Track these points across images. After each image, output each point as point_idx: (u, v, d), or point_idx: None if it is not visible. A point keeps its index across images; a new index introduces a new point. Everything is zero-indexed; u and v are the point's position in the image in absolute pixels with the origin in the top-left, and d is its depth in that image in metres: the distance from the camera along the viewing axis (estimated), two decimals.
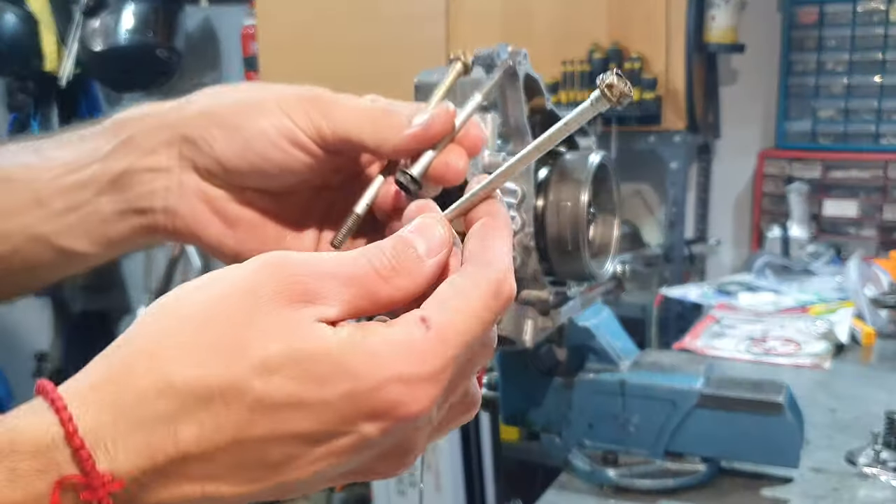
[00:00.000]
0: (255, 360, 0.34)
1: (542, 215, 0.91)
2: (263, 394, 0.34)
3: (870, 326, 1.71)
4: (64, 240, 0.52)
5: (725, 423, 1.04)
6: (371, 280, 0.37)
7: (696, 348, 1.65)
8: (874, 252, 2.61)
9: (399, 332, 0.36)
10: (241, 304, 0.35)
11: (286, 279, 0.35)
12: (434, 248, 0.39)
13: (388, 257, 0.38)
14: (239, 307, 0.35)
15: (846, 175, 2.72)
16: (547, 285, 0.93)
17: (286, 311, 0.35)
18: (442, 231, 0.40)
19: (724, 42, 2.66)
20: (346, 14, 3.06)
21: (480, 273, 0.38)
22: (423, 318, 0.36)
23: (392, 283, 0.37)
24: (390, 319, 0.37)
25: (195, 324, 0.35)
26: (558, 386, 1.13)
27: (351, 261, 0.37)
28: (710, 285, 2.19)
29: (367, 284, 0.37)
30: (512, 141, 0.90)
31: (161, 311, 0.36)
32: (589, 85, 2.62)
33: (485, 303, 0.37)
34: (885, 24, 2.64)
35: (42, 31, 3.66)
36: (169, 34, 3.56)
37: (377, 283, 0.37)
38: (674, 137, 2.66)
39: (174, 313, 0.36)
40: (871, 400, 1.37)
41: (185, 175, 0.51)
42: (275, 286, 0.35)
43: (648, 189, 3.16)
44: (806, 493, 1.05)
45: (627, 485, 1.08)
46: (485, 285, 0.38)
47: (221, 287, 0.36)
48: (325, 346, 0.34)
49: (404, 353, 0.35)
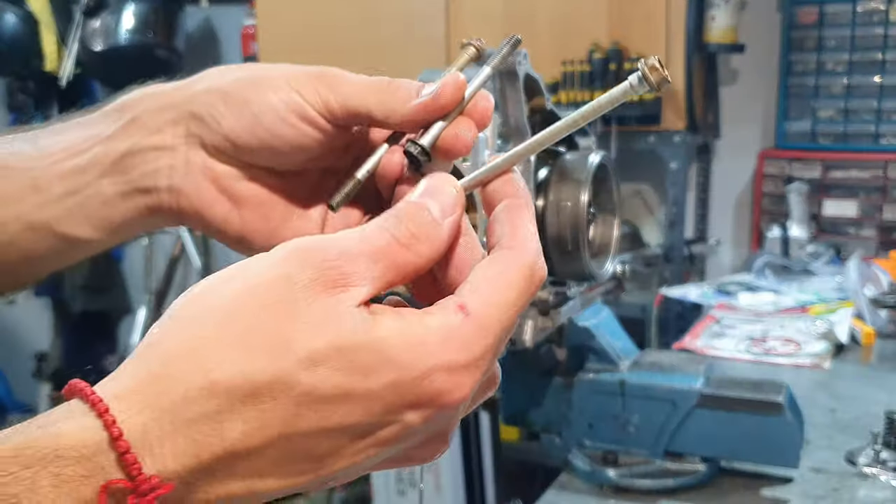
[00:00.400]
0: (300, 353, 0.34)
1: (542, 215, 0.91)
2: (310, 387, 0.34)
3: (869, 326, 1.71)
4: (64, 226, 0.51)
5: (725, 423, 1.04)
6: (394, 251, 0.37)
7: (696, 348, 1.65)
8: (874, 252, 2.62)
9: (439, 320, 0.36)
10: (278, 294, 0.34)
11: (320, 265, 0.35)
12: (447, 208, 0.39)
13: (406, 225, 0.38)
14: (277, 298, 0.34)
15: (846, 175, 2.72)
16: (547, 285, 0.94)
17: (325, 299, 0.35)
18: (452, 190, 0.40)
19: (724, 42, 2.66)
20: (347, 14, 3.06)
21: (513, 258, 0.38)
22: (461, 306, 0.36)
23: (413, 250, 0.38)
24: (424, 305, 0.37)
25: (233, 318, 0.34)
26: (558, 386, 1.13)
27: (374, 235, 0.37)
28: (709, 285, 2.19)
29: (392, 255, 0.37)
30: (512, 140, 0.90)
31: (194, 304, 0.36)
32: (589, 85, 2.62)
33: (519, 288, 0.38)
34: (884, 24, 2.64)
35: (42, 32, 3.66)
36: (169, 34, 3.57)
37: (400, 252, 0.37)
38: (674, 137, 2.66)
39: (208, 307, 0.35)
40: (871, 400, 1.37)
41: (192, 153, 0.50)
42: (311, 273, 0.35)
43: (648, 189, 3.16)
44: (806, 492, 1.05)
45: (627, 485, 1.08)
46: (518, 271, 0.38)
47: (255, 277, 0.35)
48: (369, 337, 0.34)
49: (446, 342, 0.35)
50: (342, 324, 0.34)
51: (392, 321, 0.35)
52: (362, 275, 0.36)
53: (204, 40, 3.92)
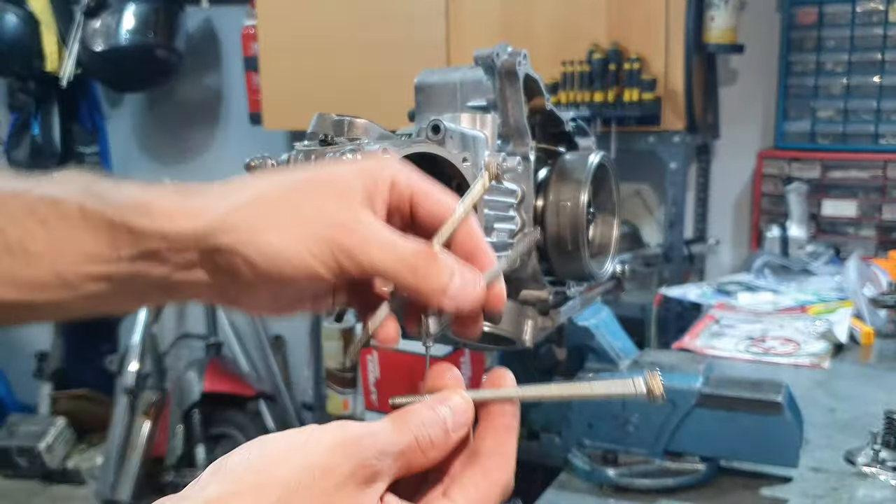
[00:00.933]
0: None
1: (542, 215, 0.92)
2: None
3: (869, 326, 1.71)
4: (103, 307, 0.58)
5: (725, 423, 1.05)
6: (413, 452, 0.47)
7: (696, 348, 1.65)
8: (873, 252, 2.62)
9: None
10: (320, 482, 0.43)
11: (359, 462, 0.44)
12: (458, 424, 0.49)
13: (427, 432, 0.47)
14: (318, 486, 0.43)
15: (845, 175, 2.72)
16: (547, 285, 0.94)
17: (356, 493, 0.44)
18: (469, 413, 0.50)
19: (724, 42, 2.66)
20: (347, 14, 3.06)
21: (499, 479, 0.49)
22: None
23: (427, 455, 0.47)
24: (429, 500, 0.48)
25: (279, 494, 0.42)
26: None
27: (402, 435, 0.47)
28: (709, 285, 2.19)
29: (409, 456, 0.47)
30: (512, 141, 0.90)
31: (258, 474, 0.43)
32: (588, 86, 2.63)
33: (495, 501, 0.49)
34: (884, 24, 2.64)
35: (43, 32, 3.66)
36: (169, 35, 3.57)
37: (417, 455, 0.47)
38: (673, 138, 2.66)
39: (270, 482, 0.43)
40: (870, 399, 1.37)
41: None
42: (349, 468, 0.44)
43: (648, 189, 3.16)
44: (805, 492, 1.05)
45: (627, 484, 1.08)
46: (499, 488, 0.49)
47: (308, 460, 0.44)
48: None
49: None
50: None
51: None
52: (386, 472, 0.45)
53: (204, 41, 3.92)
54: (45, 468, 3.94)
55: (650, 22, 2.58)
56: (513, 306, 0.93)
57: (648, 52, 2.59)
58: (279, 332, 4.13)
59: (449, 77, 0.91)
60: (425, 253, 0.51)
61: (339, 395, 3.50)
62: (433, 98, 0.91)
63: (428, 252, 0.51)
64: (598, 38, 2.64)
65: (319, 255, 0.50)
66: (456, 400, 0.50)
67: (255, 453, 0.44)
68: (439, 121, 0.64)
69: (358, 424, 0.46)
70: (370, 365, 3.11)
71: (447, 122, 0.65)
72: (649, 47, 2.59)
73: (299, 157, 0.65)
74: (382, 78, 2.90)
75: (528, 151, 0.90)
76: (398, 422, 0.47)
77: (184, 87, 4.00)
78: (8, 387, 4.37)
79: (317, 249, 0.50)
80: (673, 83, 2.59)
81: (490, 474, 0.49)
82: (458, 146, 0.67)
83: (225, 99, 3.99)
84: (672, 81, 2.59)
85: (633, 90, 2.56)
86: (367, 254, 0.50)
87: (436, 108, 0.90)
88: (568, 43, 2.67)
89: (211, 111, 4.01)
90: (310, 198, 0.51)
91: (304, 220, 0.51)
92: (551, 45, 2.69)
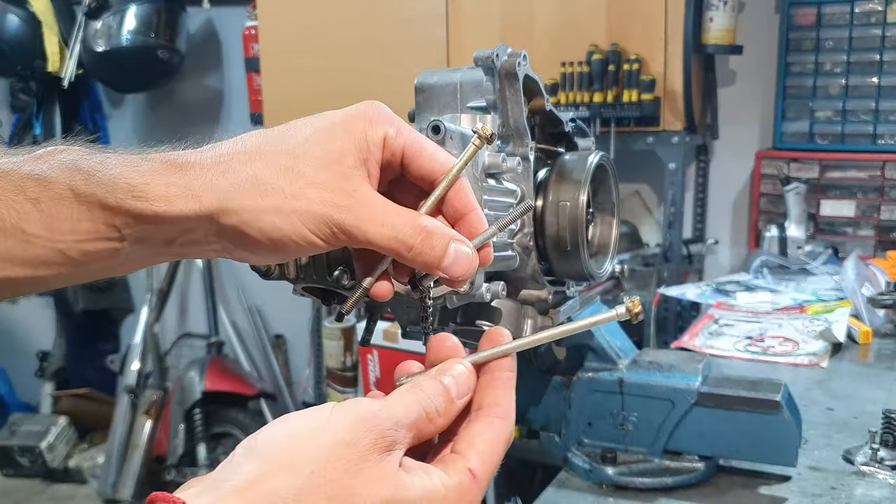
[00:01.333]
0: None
1: (542, 215, 0.92)
2: None
3: (867, 326, 1.72)
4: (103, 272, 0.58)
5: (723, 422, 1.05)
6: (423, 423, 0.51)
7: (695, 347, 1.66)
8: (871, 252, 2.63)
9: (455, 481, 0.50)
10: (345, 455, 0.46)
11: (379, 434, 0.48)
12: (462, 392, 0.53)
13: (435, 403, 0.51)
14: (344, 458, 0.46)
15: (843, 175, 2.73)
16: (546, 285, 0.94)
17: (379, 461, 0.47)
18: (471, 379, 0.54)
19: (723, 43, 2.67)
20: (347, 15, 3.07)
21: (505, 428, 0.53)
22: (472, 472, 0.51)
23: (434, 423, 0.52)
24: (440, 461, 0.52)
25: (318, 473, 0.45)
26: (557, 385, 1.14)
27: (413, 408, 0.50)
28: (708, 285, 2.20)
29: (420, 426, 0.51)
30: (512, 141, 0.91)
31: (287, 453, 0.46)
32: (588, 86, 2.63)
33: (503, 452, 0.53)
34: (882, 24, 2.65)
35: (45, 33, 3.67)
36: (171, 35, 3.57)
37: (426, 424, 0.51)
38: (672, 138, 2.67)
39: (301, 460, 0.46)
40: (869, 399, 1.38)
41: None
42: (370, 440, 0.47)
43: (647, 189, 3.17)
44: (804, 491, 1.06)
45: (626, 483, 1.08)
46: (507, 439, 0.53)
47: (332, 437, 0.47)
48: (408, 493, 0.48)
49: (459, 498, 0.50)
50: (390, 482, 0.47)
51: (421, 481, 0.49)
52: (401, 441, 0.49)
53: (205, 41, 3.92)
54: (47, 467, 3.94)
55: (649, 23, 2.59)
56: (512, 306, 0.93)
57: (648, 53, 2.60)
58: (280, 332, 4.14)
59: (449, 78, 0.91)
60: (421, 229, 0.54)
61: (340, 394, 3.51)
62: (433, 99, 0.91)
63: (423, 229, 0.54)
64: (598, 38, 2.64)
65: (318, 231, 0.54)
66: (458, 369, 0.54)
67: (282, 432, 0.47)
68: (439, 121, 0.65)
69: (371, 400, 0.50)
70: (370, 364, 3.11)
71: (447, 123, 0.66)
72: (648, 48, 2.59)
73: None
74: (382, 78, 2.91)
75: (527, 152, 0.90)
76: (407, 395, 0.51)
77: (185, 87, 4.00)
78: (10, 386, 4.38)
79: (316, 227, 0.53)
80: (672, 84, 2.60)
81: (493, 425, 0.53)
82: (458, 146, 0.68)
83: (226, 99, 3.99)
84: (671, 82, 2.59)
85: (633, 91, 2.57)
86: (365, 233, 0.54)
87: (436, 108, 0.91)
88: (567, 44, 2.67)
89: (212, 111, 4.02)
90: (306, 176, 0.53)
91: (303, 200, 0.53)
92: (551, 45, 2.69)
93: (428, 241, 0.54)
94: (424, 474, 0.49)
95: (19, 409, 4.28)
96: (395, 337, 2.88)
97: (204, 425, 3.61)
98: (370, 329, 0.78)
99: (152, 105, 4.16)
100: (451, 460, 0.51)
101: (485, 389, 0.54)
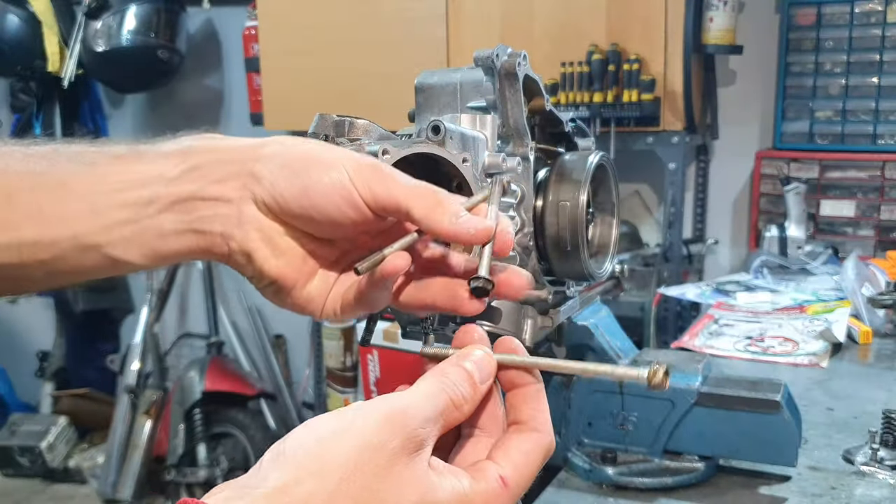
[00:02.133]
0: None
1: (542, 215, 0.92)
2: None
3: (867, 326, 1.71)
4: (116, 250, 0.57)
5: (723, 422, 1.05)
6: (450, 412, 0.50)
7: (695, 347, 1.66)
8: (871, 252, 2.63)
9: (485, 487, 0.49)
10: (374, 459, 0.46)
11: (408, 435, 0.47)
12: (484, 377, 0.53)
13: (461, 391, 0.51)
14: (374, 462, 0.46)
15: (843, 175, 2.73)
16: (546, 285, 0.94)
17: (408, 463, 0.47)
18: (492, 363, 0.54)
19: (723, 43, 2.67)
20: (347, 15, 3.07)
21: (541, 441, 0.53)
22: (504, 480, 0.50)
23: (461, 410, 0.51)
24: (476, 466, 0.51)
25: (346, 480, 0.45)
26: (557, 384, 1.14)
27: (438, 398, 0.50)
28: (708, 285, 2.20)
29: (447, 416, 0.50)
30: (512, 141, 0.91)
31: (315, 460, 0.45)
32: (588, 87, 2.63)
33: (539, 464, 0.53)
34: (882, 24, 2.65)
35: (45, 33, 3.67)
36: (171, 35, 3.57)
37: (453, 413, 0.51)
38: (672, 138, 2.67)
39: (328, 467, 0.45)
40: (869, 399, 1.38)
41: (245, 205, 0.56)
42: (400, 442, 0.47)
43: (647, 189, 3.17)
44: (804, 491, 1.06)
45: (626, 483, 1.08)
46: (543, 453, 0.53)
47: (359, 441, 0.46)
48: (439, 496, 0.47)
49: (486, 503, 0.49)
50: (419, 485, 0.47)
51: (451, 484, 0.48)
52: (431, 437, 0.49)
53: (205, 42, 3.92)
54: (47, 467, 3.94)
55: (649, 23, 2.59)
56: (512, 306, 0.93)
57: (647, 53, 2.60)
58: (280, 332, 4.14)
59: (449, 78, 0.91)
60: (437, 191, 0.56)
61: (340, 394, 3.51)
62: (433, 99, 0.91)
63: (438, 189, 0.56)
64: (598, 38, 2.64)
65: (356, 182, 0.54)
66: (478, 353, 0.53)
67: (310, 437, 0.47)
68: (439, 121, 0.65)
69: (397, 396, 0.49)
70: (370, 364, 3.11)
71: (447, 123, 0.66)
72: (648, 48, 2.60)
73: None
74: (382, 78, 2.91)
75: (527, 152, 0.90)
76: (432, 386, 0.51)
77: (185, 87, 4.00)
78: (10, 386, 4.38)
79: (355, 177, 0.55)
80: (672, 84, 2.60)
81: (530, 438, 0.53)
82: (458, 146, 0.68)
83: (226, 99, 4.00)
84: (671, 82, 2.60)
85: (633, 91, 2.57)
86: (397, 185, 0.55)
87: (436, 108, 0.91)
88: (567, 44, 2.67)
89: (212, 112, 4.02)
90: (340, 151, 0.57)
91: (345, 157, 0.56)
92: (551, 45, 2.69)
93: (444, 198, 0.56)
94: (454, 477, 0.49)
95: (19, 409, 4.28)
96: (395, 337, 2.88)
97: (204, 425, 3.61)
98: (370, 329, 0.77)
99: (152, 105, 4.16)
100: (484, 466, 0.51)
101: (519, 406, 0.54)
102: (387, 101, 1.96)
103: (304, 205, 0.55)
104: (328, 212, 0.55)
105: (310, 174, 0.55)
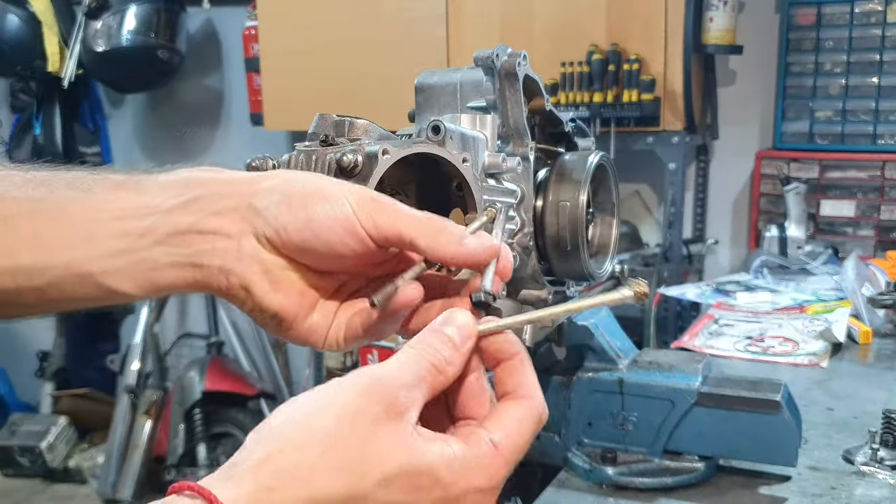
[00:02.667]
0: (377, 474, 0.46)
1: (542, 215, 0.92)
2: (383, 500, 0.46)
3: (867, 326, 1.71)
4: (110, 280, 0.56)
5: (723, 422, 1.05)
6: (433, 376, 0.50)
7: (695, 347, 1.66)
8: (871, 252, 2.63)
9: (475, 451, 0.49)
10: (356, 427, 0.46)
11: (388, 398, 0.47)
12: (465, 338, 0.52)
13: (443, 354, 0.51)
14: (356, 430, 0.46)
15: (843, 175, 2.73)
16: (546, 285, 0.94)
17: (392, 427, 0.47)
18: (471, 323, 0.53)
19: (723, 43, 2.67)
20: (347, 15, 3.07)
21: (532, 407, 0.53)
22: (495, 444, 0.49)
23: (445, 374, 0.51)
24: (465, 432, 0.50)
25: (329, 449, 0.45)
26: (557, 384, 1.14)
27: (420, 365, 0.50)
28: (708, 285, 2.20)
29: (431, 381, 0.50)
30: (512, 141, 0.91)
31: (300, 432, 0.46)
32: (588, 86, 2.63)
33: (532, 431, 0.52)
34: (882, 24, 2.65)
35: (45, 33, 3.67)
36: (171, 36, 3.57)
37: (437, 377, 0.50)
38: (672, 138, 2.67)
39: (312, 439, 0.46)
40: (869, 399, 1.38)
41: (245, 240, 0.56)
42: (381, 408, 0.47)
43: (647, 189, 3.17)
44: (804, 491, 1.06)
45: (626, 483, 1.08)
46: (534, 418, 0.52)
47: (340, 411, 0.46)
48: (425, 461, 0.47)
49: (480, 471, 0.49)
50: (404, 449, 0.47)
51: (440, 448, 0.48)
52: (415, 401, 0.48)
53: (205, 42, 3.92)
54: (47, 467, 3.94)
55: (649, 23, 2.59)
56: (512, 306, 0.93)
57: (647, 53, 2.60)
58: None
59: (449, 78, 0.91)
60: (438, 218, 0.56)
61: None
62: (433, 99, 0.91)
63: (438, 217, 0.56)
64: (598, 39, 2.64)
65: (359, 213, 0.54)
66: (457, 316, 0.53)
67: (293, 413, 0.47)
68: (440, 121, 0.65)
69: (376, 366, 0.49)
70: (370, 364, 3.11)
71: (447, 123, 0.66)
72: (648, 48, 2.60)
73: (300, 157, 0.66)
74: (382, 78, 2.91)
75: (527, 152, 0.90)
76: (412, 353, 0.50)
77: (185, 87, 4.00)
78: (10, 386, 4.38)
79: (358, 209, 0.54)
80: (672, 84, 2.60)
81: (521, 402, 0.52)
82: (458, 146, 0.68)
83: (226, 99, 4.00)
84: (671, 82, 2.60)
85: (633, 91, 2.57)
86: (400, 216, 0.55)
87: (436, 108, 0.91)
88: (567, 44, 2.67)
89: (212, 112, 4.02)
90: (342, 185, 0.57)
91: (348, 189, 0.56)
92: (551, 45, 2.69)
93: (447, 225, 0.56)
94: (443, 442, 0.48)
95: (19, 409, 4.28)
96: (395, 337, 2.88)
97: (204, 425, 3.61)
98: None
99: (152, 105, 4.16)
100: (473, 432, 0.50)
101: (505, 379, 0.54)
102: (387, 101, 1.96)
103: (307, 237, 0.54)
104: (331, 243, 0.54)
105: (312, 206, 0.54)
